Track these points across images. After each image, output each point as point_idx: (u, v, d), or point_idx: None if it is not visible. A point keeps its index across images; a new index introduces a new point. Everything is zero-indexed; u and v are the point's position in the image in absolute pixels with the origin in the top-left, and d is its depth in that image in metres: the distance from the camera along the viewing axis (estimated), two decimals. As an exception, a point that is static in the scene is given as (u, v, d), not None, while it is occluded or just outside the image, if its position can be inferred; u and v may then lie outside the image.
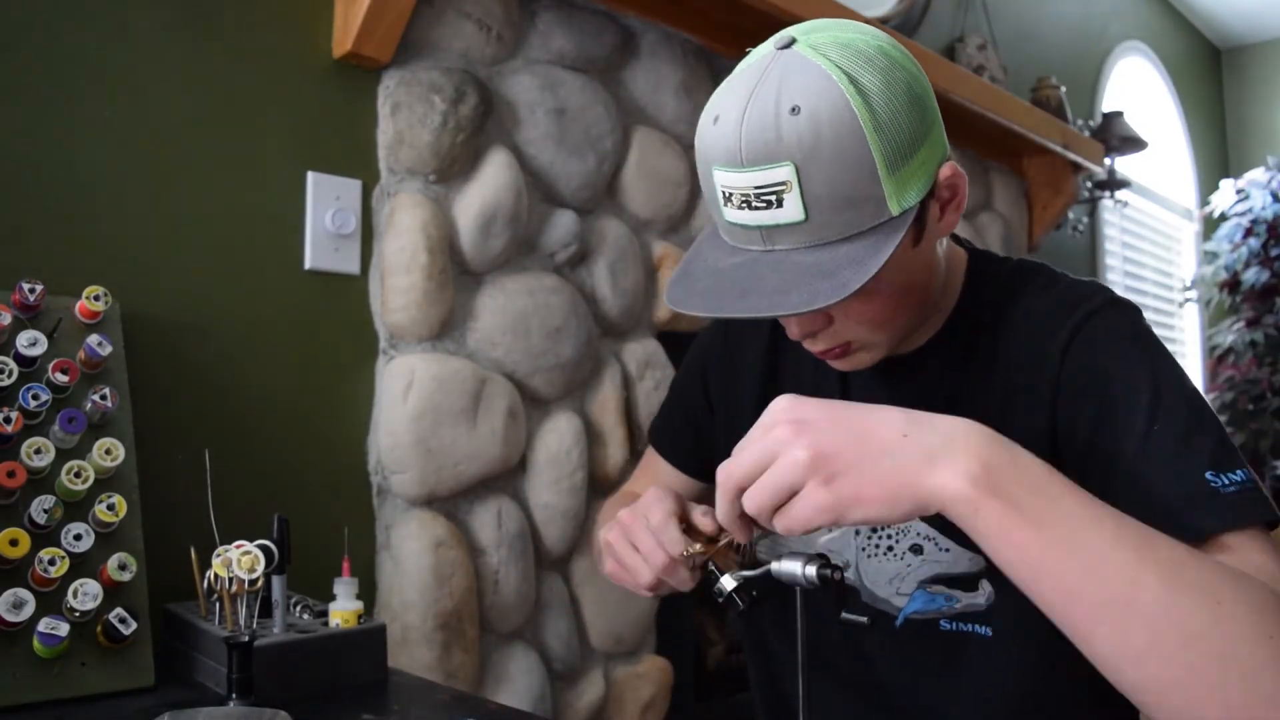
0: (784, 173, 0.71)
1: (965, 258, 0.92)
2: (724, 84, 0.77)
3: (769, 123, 0.71)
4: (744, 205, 0.74)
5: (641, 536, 0.81)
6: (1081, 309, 0.83)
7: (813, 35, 0.75)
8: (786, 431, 0.64)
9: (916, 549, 0.90)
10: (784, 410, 0.66)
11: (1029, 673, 0.87)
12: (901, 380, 0.91)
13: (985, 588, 0.87)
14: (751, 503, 0.66)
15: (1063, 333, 0.82)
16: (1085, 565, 0.60)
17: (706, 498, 1.05)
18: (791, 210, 0.72)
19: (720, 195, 0.76)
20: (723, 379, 1.05)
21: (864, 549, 0.92)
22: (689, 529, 0.81)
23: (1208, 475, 0.72)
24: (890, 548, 0.91)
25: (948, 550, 0.88)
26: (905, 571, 0.90)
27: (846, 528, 0.94)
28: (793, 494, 0.64)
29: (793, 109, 0.71)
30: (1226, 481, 0.72)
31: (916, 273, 0.81)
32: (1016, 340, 0.86)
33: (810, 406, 0.66)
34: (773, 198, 0.72)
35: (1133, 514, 0.68)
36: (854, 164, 0.71)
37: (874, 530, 0.92)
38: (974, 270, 0.91)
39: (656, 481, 1.09)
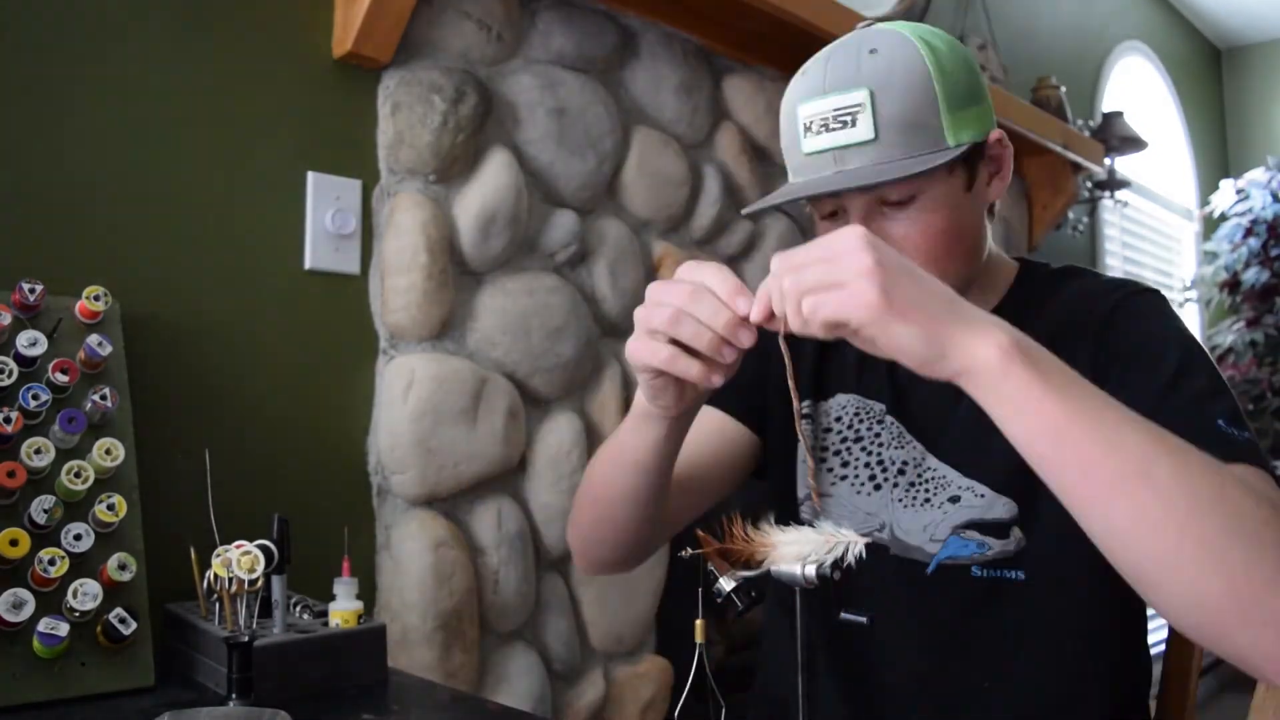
0: (860, 95, 0.83)
1: (1016, 264, 1.02)
2: (814, 55, 0.90)
3: (851, 59, 0.85)
4: (822, 129, 0.85)
5: (703, 300, 0.75)
6: (1123, 290, 0.92)
7: (888, 21, 0.90)
8: (858, 241, 0.67)
9: (954, 499, 0.93)
10: (855, 231, 0.69)
11: (1061, 614, 0.91)
12: None
13: (1015, 534, 0.90)
14: (797, 285, 0.68)
15: (1105, 306, 0.90)
16: (1106, 438, 0.64)
17: (743, 448, 1.06)
18: (864, 129, 0.83)
19: (800, 128, 0.87)
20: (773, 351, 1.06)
21: (900, 500, 0.96)
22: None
23: (1220, 423, 0.78)
24: (928, 499, 0.95)
25: (983, 496, 0.91)
26: (941, 519, 0.93)
27: (887, 489, 0.96)
28: (842, 288, 0.67)
29: (871, 50, 0.84)
30: (1238, 432, 0.79)
31: (968, 220, 0.90)
32: (1062, 319, 0.92)
33: (880, 240, 0.69)
34: (849, 118, 0.83)
35: None
36: (920, 94, 0.83)
37: (912, 484, 0.95)
38: (1024, 270, 1.01)
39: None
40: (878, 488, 0.98)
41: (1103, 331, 0.88)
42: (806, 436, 1.01)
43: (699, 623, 0.81)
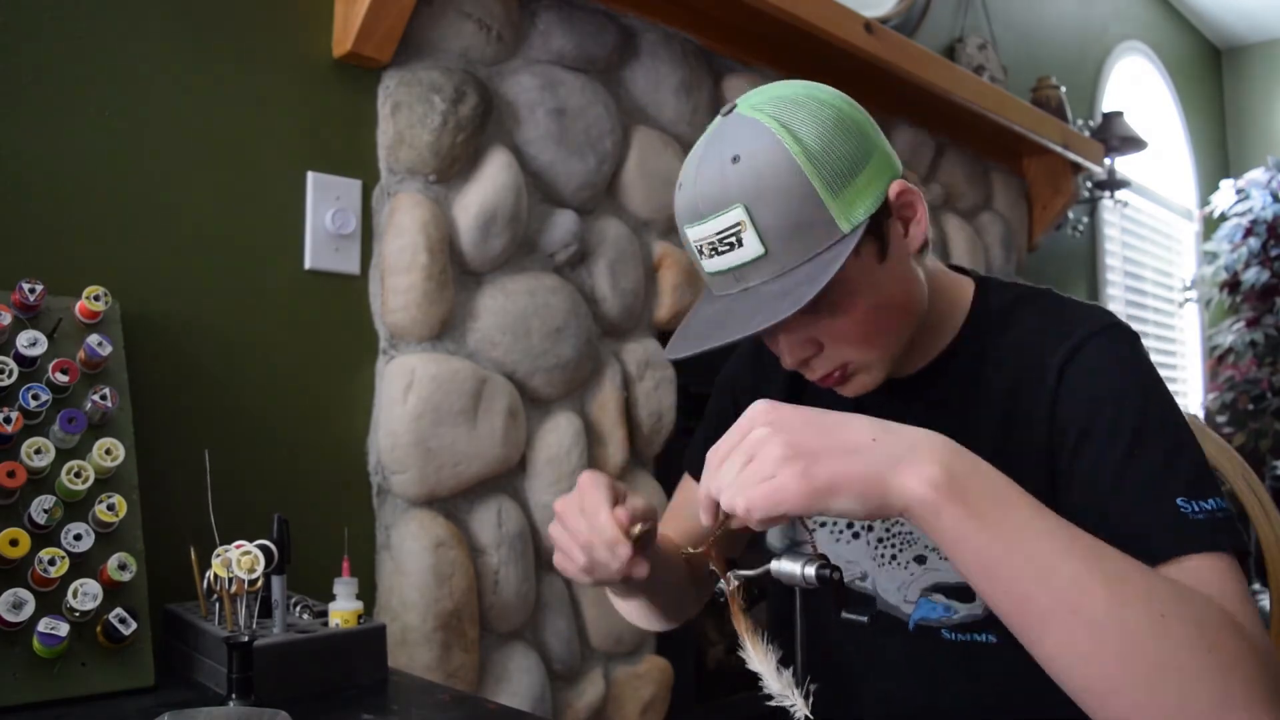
0: (736, 214, 0.79)
1: (973, 285, 0.97)
2: (688, 156, 0.87)
3: (715, 174, 0.81)
4: (713, 253, 0.82)
5: (573, 519, 0.84)
6: (1079, 332, 0.87)
7: (751, 99, 0.84)
8: (765, 429, 0.68)
9: (920, 559, 0.92)
10: (761, 411, 0.70)
11: (1041, 674, 0.88)
12: (911, 400, 0.94)
13: (980, 599, 0.88)
14: (720, 481, 0.69)
15: (1060, 353, 0.86)
16: (1037, 571, 0.64)
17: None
18: (751, 247, 0.80)
19: (695, 250, 0.84)
20: (752, 397, 1.06)
21: (873, 556, 0.95)
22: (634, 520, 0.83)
23: (1179, 501, 0.75)
24: (894, 556, 0.94)
25: (946, 559, 0.90)
26: (909, 580, 0.92)
27: (864, 538, 0.96)
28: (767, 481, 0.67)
29: (734, 158, 0.80)
30: (1196, 509, 0.75)
31: (892, 289, 0.85)
32: (1019, 359, 0.89)
33: (786, 409, 0.70)
34: (734, 239, 0.80)
35: (1104, 535, 0.72)
36: (796, 192, 0.79)
37: (880, 540, 0.95)
38: (981, 296, 0.96)
39: (685, 503, 1.11)
40: (856, 536, 0.97)
41: (1058, 384, 0.85)
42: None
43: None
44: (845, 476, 0.65)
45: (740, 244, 0.80)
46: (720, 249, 0.81)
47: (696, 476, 1.13)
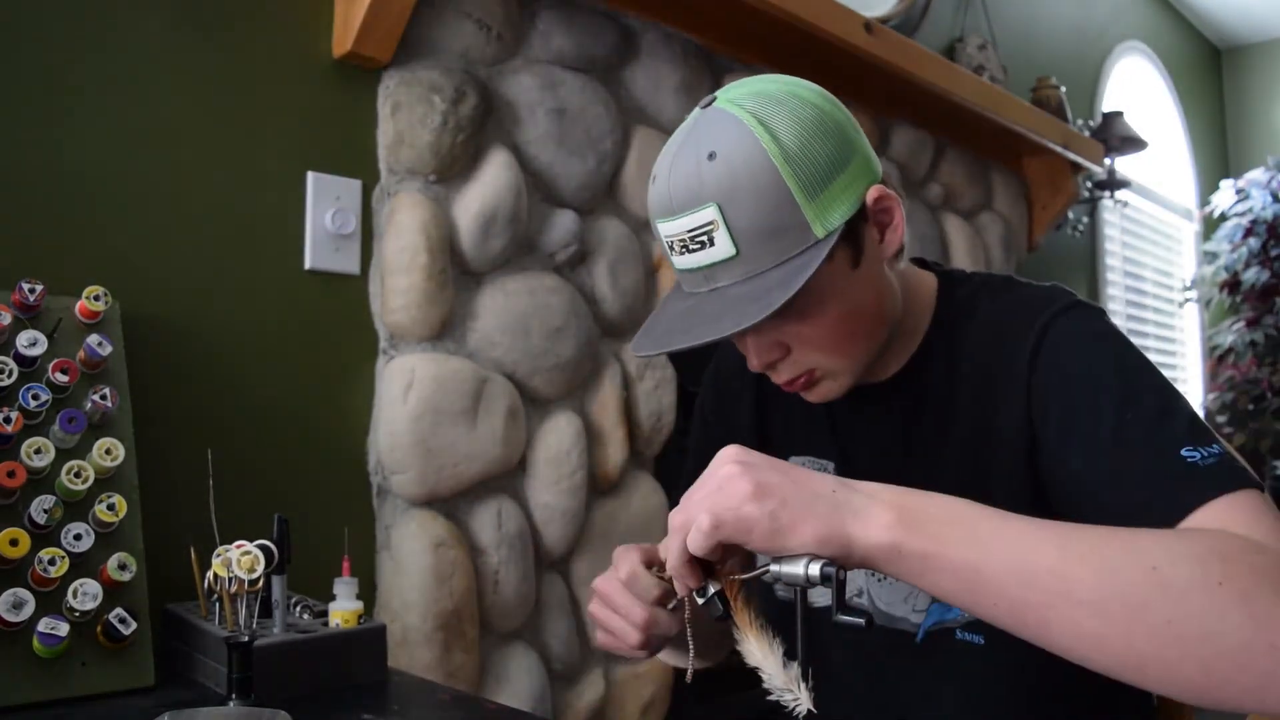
0: (709, 213, 0.77)
1: (934, 282, 0.95)
2: (664, 147, 0.84)
3: (691, 171, 0.78)
4: (684, 250, 0.80)
5: (616, 597, 0.82)
6: (1046, 312, 0.85)
7: (731, 92, 0.82)
8: (733, 469, 0.68)
9: None
10: (730, 455, 0.70)
11: (1025, 684, 0.88)
12: (885, 409, 0.93)
13: None
14: (700, 535, 0.68)
15: (1030, 337, 0.84)
16: (1017, 574, 0.63)
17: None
18: (723, 247, 0.78)
19: (666, 245, 0.83)
20: (721, 434, 1.05)
21: (872, 573, 0.93)
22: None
23: (1184, 452, 0.73)
24: None
25: None
26: (908, 592, 0.91)
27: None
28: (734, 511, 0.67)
29: (710, 155, 0.78)
30: (1205, 454, 0.73)
31: (863, 296, 0.84)
32: (986, 354, 0.88)
33: (754, 454, 0.70)
34: (705, 238, 0.79)
35: (1117, 501, 0.72)
36: (771, 194, 0.77)
37: None
38: (943, 291, 0.94)
39: None
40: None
41: (1030, 369, 0.83)
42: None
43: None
44: (807, 519, 0.65)
45: (711, 243, 0.78)
46: (691, 247, 0.80)
47: None
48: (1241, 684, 0.58)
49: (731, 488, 0.67)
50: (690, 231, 0.79)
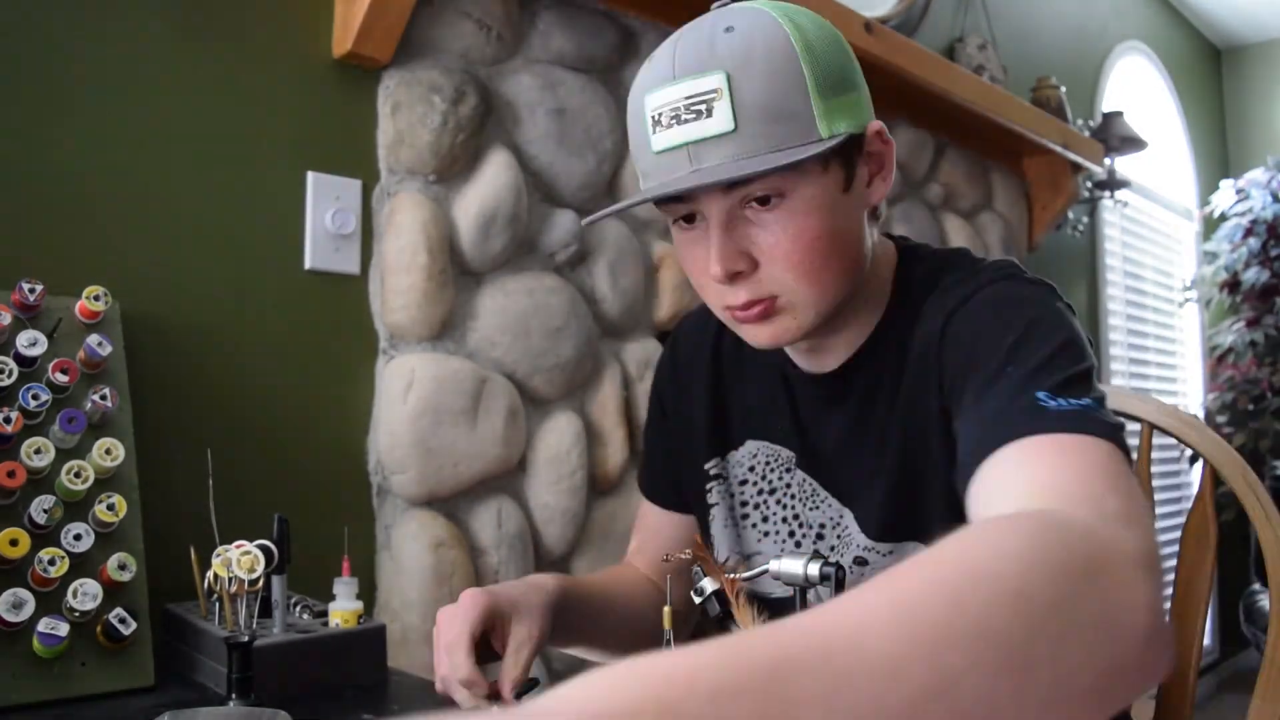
0: (715, 80, 0.72)
1: (894, 254, 0.90)
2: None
3: (703, 39, 0.74)
4: (674, 121, 0.74)
5: (437, 653, 0.84)
6: (970, 285, 0.80)
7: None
8: None
9: (861, 561, 0.87)
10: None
11: None
12: (842, 395, 0.89)
13: None
14: None
15: (949, 308, 0.80)
16: (894, 670, 0.39)
17: (684, 526, 1.04)
18: (721, 119, 0.73)
19: (649, 120, 0.76)
20: (676, 407, 1.04)
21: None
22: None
23: (1039, 394, 0.66)
24: (837, 563, 0.86)
25: (890, 554, 0.85)
26: (854, 584, 0.88)
27: (808, 546, 0.93)
28: None
29: (727, 28, 0.74)
30: (1065, 402, 0.66)
31: (845, 224, 0.79)
32: (925, 330, 0.83)
33: None
34: (702, 107, 0.73)
35: (963, 436, 0.67)
36: (785, 76, 0.73)
37: (832, 547, 0.91)
38: (902, 266, 0.89)
39: (654, 534, 1.08)
40: (798, 544, 0.92)
41: (941, 340, 0.79)
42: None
43: (666, 609, 0.80)
44: None
45: (709, 114, 0.73)
46: (684, 117, 0.73)
47: (649, 496, 1.09)
48: (1102, 687, 0.43)
49: None
50: (688, 98, 0.73)
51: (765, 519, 0.96)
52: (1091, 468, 0.60)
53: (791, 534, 0.93)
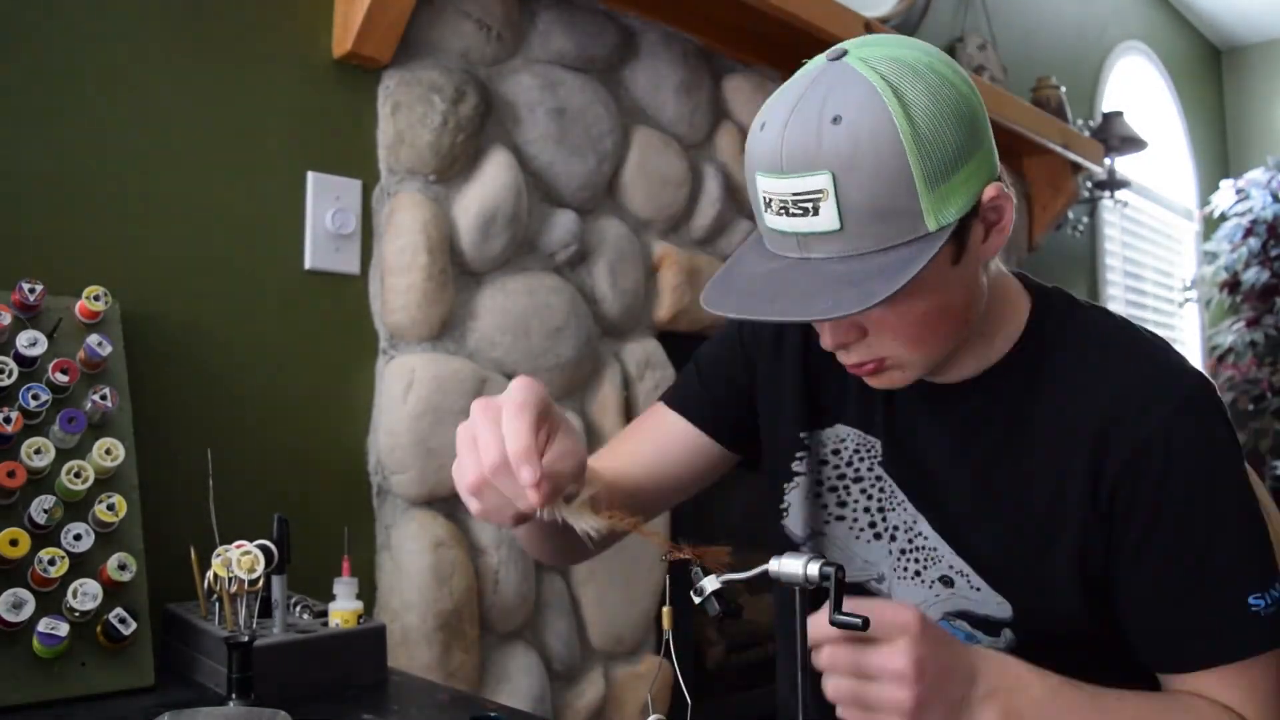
0: (821, 180, 0.72)
1: (1028, 294, 0.91)
2: (775, 92, 0.78)
3: (810, 131, 0.72)
4: (782, 211, 0.75)
5: (487, 436, 0.70)
6: (1167, 402, 0.81)
7: (865, 49, 0.76)
8: (905, 664, 0.69)
9: (946, 580, 0.88)
10: (913, 634, 0.70)
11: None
12: (950, 409, 0.89)
13: (1007, 635, 0.86)
14: (834, 690, 0.72)
15: (1144, 425, 0.81)
16: None
17: (715, 460, 1.00)
18: (827, 219, 0.73)
19: (761, 200, 0.77)
20: (771, 361, 1.00)
21: (894, 567, 0.91)
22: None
23: (1251, 600, 0.77)
24: (918, 573, 0.90)
25: (979, 590, 0.87)
26: (933, 600, 0.89)
27: (885, 542, 0.93)
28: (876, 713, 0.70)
29: (835, 119, 0.72)
30: (1269, 601, 0.77)
31: (956, 293, 0.80)
32: (1079, 394, 0.84)
33: (934, 644, 0.71)
34: (810, 205, 0.73)
35: (1171, 620, 0.76)
36: (892, 176, 0.72)
37: (903, 551, 0.91)
38: (1040, 309, 0.89)
39: (650, 437, 1.01)
40: (877, 537, 0.93)
41: (1131, 462, 0.80)
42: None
43: (666, 609, 0.79)
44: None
45: (816, 212, 0.73)
46: (793, 211, 0.74)
47: (679, 410, 1.02)
48: None
49: (891, 692, 0.69)
50: (796, 195, 0.73)
51: (842, 504, 0.95)
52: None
53: (872, 524, 0.93)
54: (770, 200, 0.76)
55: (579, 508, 0.73)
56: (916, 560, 0.90)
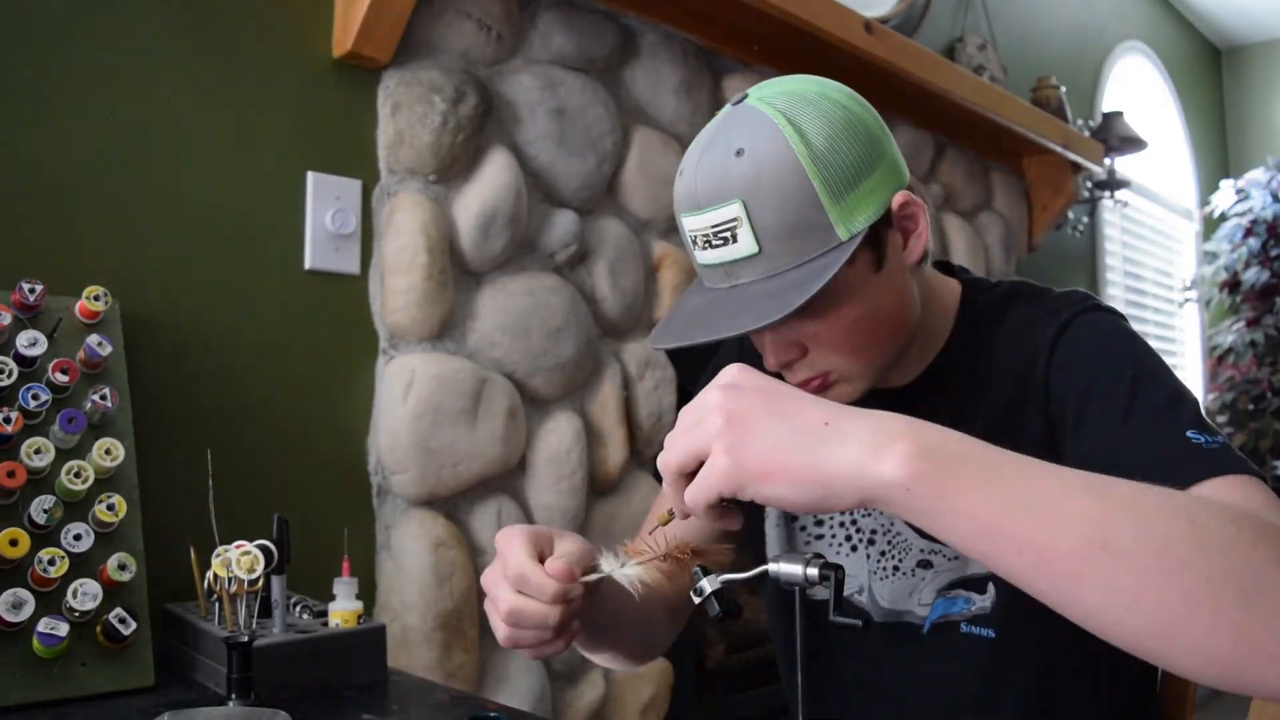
0: (734, 209, 0.78)
1: (958, 288, 0.95)
2: (693, 141, 0.85)
3: (718, 166, 0.79)
4: (706, 245, 0.81)
5: (495, 587, 0.76)
6: (1064, 315, 0.87)
7: (763, 90, 0.83)
8: (716, 396, 0.64)
9: (925, 564, 0.91)
10: (728, 374, 0.66)
11: (1033, 675, 0.88)
12: (906, 410, 0.89)
13: (990, 590, 0.88)
14: (665, 466, 0.66)
15: (1047, 336, 0.86)
16: (1048, 518, 0.56)
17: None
18: (745, 244, 0.79)
19: (689, 239, 0.83)
20: None
21: (874, 571, 0.93)
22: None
23: (1189, 434, 0.75)
24: (896, 567, 0.92)
25: (956, 557, 0.89)
26: (920, 584, 0.91)
27: (862, 549, 0.94)
28: (703, 461, 0.64)
29: (738, 151, 0.79)
30: (1209, 440, 0.75)
31: (883, 300, 0.84)
32: (1006, 356, 0.89)
33: (753, 376, 0.65)
34: (728, 233, 0.79)
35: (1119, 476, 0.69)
36: (796, 194, 0.77)
37: (882, 553, 0.93)
38: (966, 299, 0.94)
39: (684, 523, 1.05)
40: (854, 549, 0.95)
41: (1047, 368, 0.85)
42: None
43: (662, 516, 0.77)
44: (780, 461, 0.60)
45: (734, 240, 0.79)
46: (715, 242, 0.80)
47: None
48: (1272, 653, 0.53)
49: (707, 423, 0.63)
50: (714, 227, 0.80)
51: (819, 522, 0.97)
52: (1267, 505, 0.70)
53: (848, 537, 0.95)
54: (695, 237, 0.82)
55: (605, 564, 0.76)
56: (894, 556, 0.93)
